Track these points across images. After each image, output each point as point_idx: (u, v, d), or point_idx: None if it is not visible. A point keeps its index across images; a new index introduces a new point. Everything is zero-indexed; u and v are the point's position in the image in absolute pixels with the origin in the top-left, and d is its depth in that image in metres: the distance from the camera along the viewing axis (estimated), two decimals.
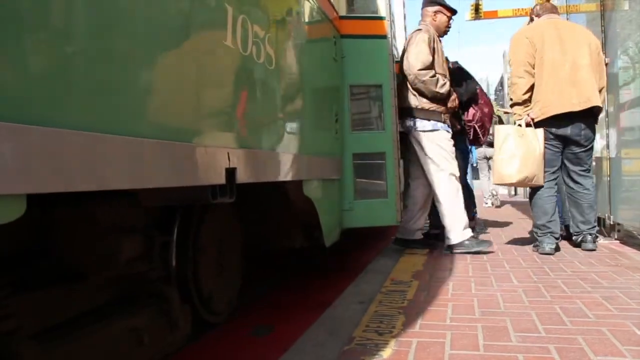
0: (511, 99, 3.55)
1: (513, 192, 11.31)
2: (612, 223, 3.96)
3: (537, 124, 3.42)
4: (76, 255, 1.55)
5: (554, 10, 3.75)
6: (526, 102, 3.44)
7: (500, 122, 7.73)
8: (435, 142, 3.56)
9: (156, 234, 1.85)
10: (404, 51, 3.74)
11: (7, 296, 1.24)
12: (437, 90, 3.49)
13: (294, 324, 2.29)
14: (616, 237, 3.90)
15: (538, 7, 3.81)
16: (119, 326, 1.58)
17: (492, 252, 3.51)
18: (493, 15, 8.72)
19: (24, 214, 0.87)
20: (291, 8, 2.42)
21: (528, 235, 4.37)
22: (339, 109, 3.22)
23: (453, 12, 3.85)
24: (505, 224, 5.42)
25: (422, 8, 3.84)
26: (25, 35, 0.90)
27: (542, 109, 3.37)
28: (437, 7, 3.79)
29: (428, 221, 4.32)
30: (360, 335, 1.84)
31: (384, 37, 3.46)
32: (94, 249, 1.55)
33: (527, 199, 8.89)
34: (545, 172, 3.43)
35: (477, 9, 10.09)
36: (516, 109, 3.50)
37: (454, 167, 3.59)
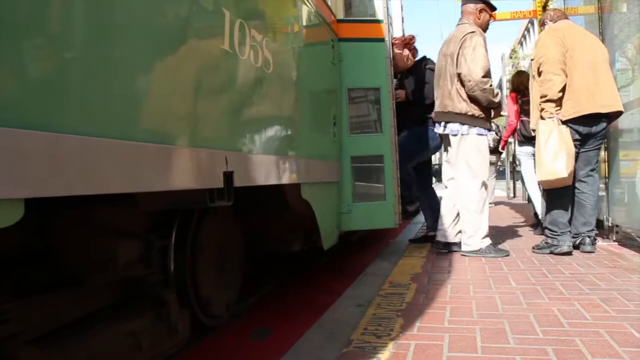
0: (544, 96, 3.44)
1: (512, 194, 11.30)
2: (610, 225, 3.96)
3: (567, 122, 3.39)
4: (74, 258, 1.56)
5: (566, 16, 3.77)
6: (559, 100, 3.40)
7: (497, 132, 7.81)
8: (479, 148, 3.54)
9: (154, 237, 1.86)
10: (445, 52, 3.60)
11: (5, 301, 1.24)
12: (493, 99, 3.45)
13: (292, 326, 2.29)
14: (614, 239, 3.90)
15: (552, 13, 3.82)
16: (117, 330, 1.59)
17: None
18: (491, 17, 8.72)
19: (22, 218, 0.87)
20: (289, 12, 2.43)
21: (526, 237, 4.38)
22: (337, 112, 3.22)
23: (494, 9, 3.73)
24: (503, 226, 5.42)
25: (463, 5, 3.70)
26: (23, 39, 0.91)
27: (575, 107, 3.36)
28: (481, 5, 3.62)
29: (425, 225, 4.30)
30: (359, 338, 1.84)
31: (382, 40, 3.47)
32: (92, 253, 1.55)
33: (525, 201, 8.84)
34: None
35: None
36: (548, 105, 3.43)
37: (486, 175, 3.59)
